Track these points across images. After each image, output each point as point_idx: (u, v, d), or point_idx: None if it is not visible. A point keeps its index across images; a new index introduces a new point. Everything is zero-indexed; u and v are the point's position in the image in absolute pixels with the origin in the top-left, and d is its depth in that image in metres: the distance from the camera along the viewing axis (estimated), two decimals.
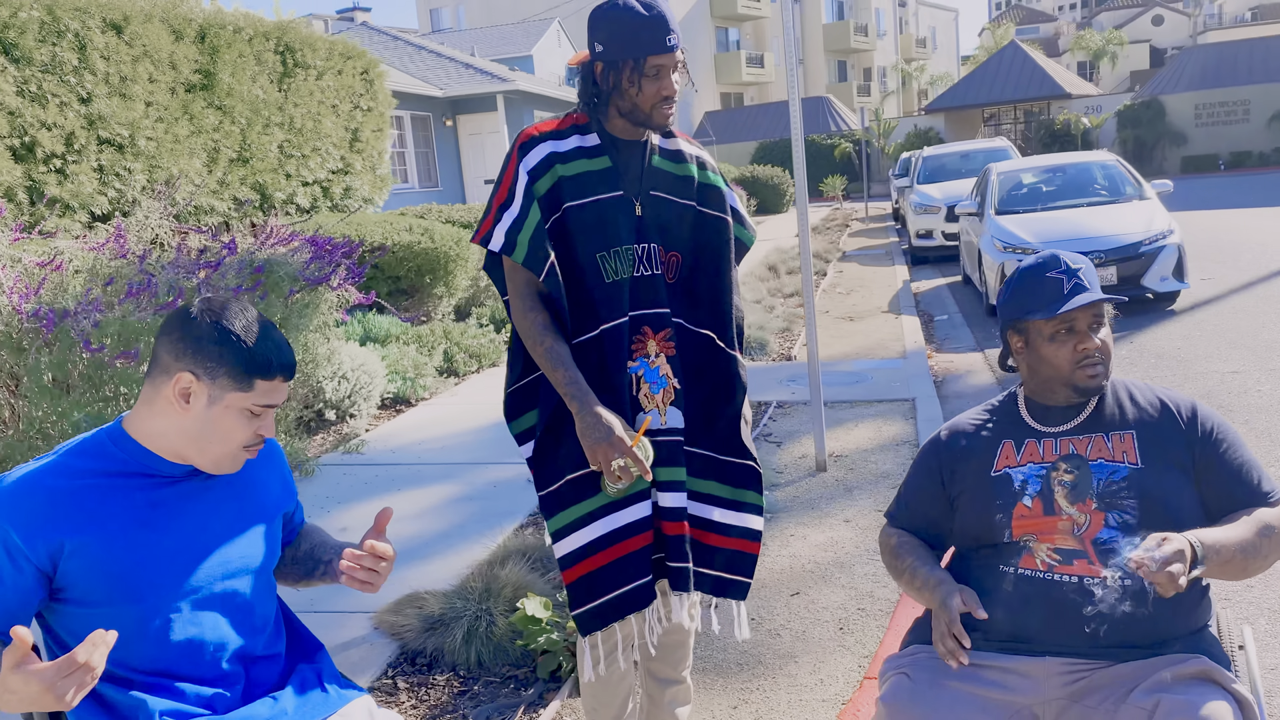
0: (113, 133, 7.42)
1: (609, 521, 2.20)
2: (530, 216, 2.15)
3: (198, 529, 1.71)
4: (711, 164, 2.35)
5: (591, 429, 2.07)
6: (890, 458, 5.20)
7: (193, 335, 1.63)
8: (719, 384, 2.28)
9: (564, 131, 2.22)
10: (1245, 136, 33.95)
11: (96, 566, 1.61)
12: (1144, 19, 68.34)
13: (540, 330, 2.13)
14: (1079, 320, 1.99)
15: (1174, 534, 1.77)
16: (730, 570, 2.33)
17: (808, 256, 5.11)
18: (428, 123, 19.71)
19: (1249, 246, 12.70)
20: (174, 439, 1.67)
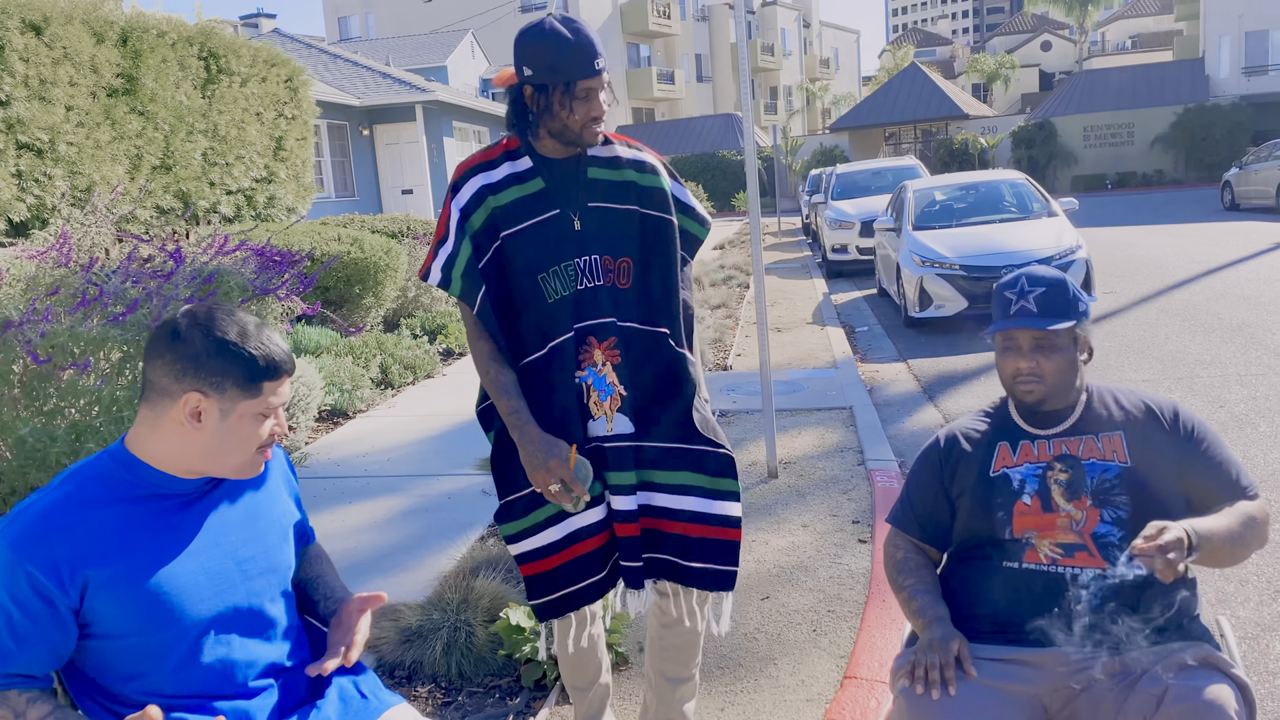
0: (32, 137, 7.14)
1: (564, 527, 2.33)
2: (462, 252, 2.26)
3: (219, 547, 1.69)
4: (652, 163, 2.38)
5: (530, 455, 2.20)
6: (837, 464, 5.35)
7: (189, 353, 1.58)
8: (672, 380, 2.35)
9: (495, 161, 2.29)
10: (1130, 158, 35.74)
11: (123, 598, 1.57)
12: (1034, 44, 71.30)
13: (486, 359, 2.26)
14: (1019, 339, 2.14)
15: (1170, 523, 1.90)
16: (714, 560, 2.38)
17: (760, 271, 5.23)
18: (344, 132, 19.39)
19: (1144, 262, 13.39)
20: (188, 458, 1.64)
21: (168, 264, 4.64)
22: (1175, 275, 11.93)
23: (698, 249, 2.46)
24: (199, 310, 1.65)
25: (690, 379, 2.38)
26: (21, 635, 1.52)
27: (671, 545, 2.37)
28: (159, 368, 1.61)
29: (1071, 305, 2.13)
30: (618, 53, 46.52)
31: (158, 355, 1.61)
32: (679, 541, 2.36)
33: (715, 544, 2.37)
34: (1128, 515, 2.05)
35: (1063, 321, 2.10)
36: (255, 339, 1.62)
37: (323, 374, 7.02)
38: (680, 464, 2.34)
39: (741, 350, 9.04)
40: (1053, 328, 2.09)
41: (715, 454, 2.36)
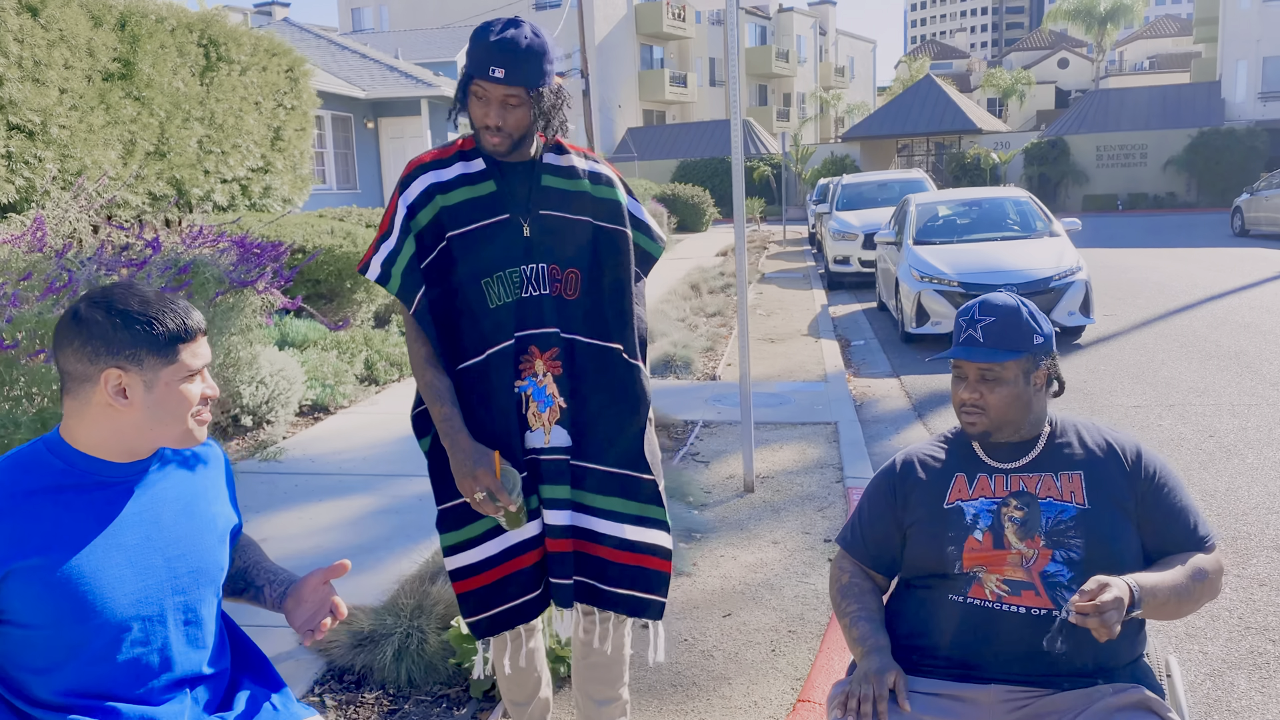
0: (23, 118, 7.10)
1: (499, 542, 2.29)
2: (404, 250, 2.21)
3: (149, 542, 1.65)
4: (608, 176, 2.34)
5: (459, 464, 2.16)
6: (815, 480, 5.28)
7: (96, 334, 1.57)
8: (623, 398, 2.29)
9: (448, 160, 2.25)
10: (1142, 179, 35.60)
11: (43, 590, 1.53)
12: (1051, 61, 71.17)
13: (423, 363, 2.22)
14: (966, 369, 2.08)
15: (1114, 579, 1.83)
16: (640, 588, 2.33)
17: (743, 281, 5.17)
18: (348, 124, 19.37)
19: (1147, 285, 13.30)
20: (125, 437, 1.61)
21: (145, 253, 4.59)
22: (1177, 300, 11.84)
23: (651, 266, 2.40)
24: (95, 292, 1.63)
25: (645, 397, 2.33)
26: None
27: (594, 569, 2.31)
28: (70, 356, 1.59)
29: (1024, 337, 2.05)
30: (630, 54, 46.51)
31: (66, 344, 1.59)
32: (600, 565, 2.31)
33: (642, 572, 2.32)
34: (1080, 557, 1.98)
35: (1008, 355, 2.03)
36: (157, 306, 1.60)
37: (306, 368, 6.98)
38: (614, 489, 2.29)
39: (732, 360, 8.98)
40: (995, 362, 2.02)
41: (646, 481, 2.30)
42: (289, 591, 1.82)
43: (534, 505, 2.28)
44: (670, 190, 28.47)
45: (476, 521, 2.29)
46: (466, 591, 2.32)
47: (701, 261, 18.28)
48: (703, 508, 4.88)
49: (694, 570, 4.10)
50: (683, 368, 8.39)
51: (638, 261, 2.36)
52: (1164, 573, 1.95)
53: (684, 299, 12.62)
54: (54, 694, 1.58)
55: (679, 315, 11.20)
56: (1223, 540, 2.05)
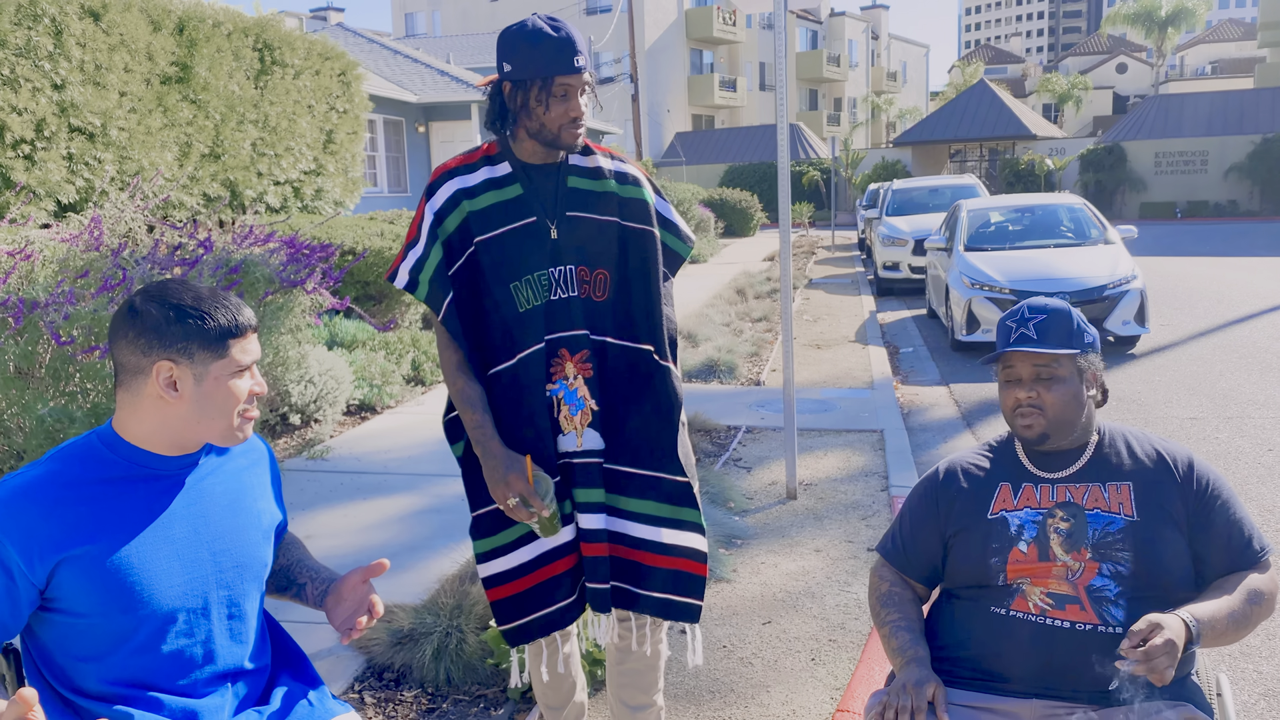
0: (84, 121, 7.28)
1: (533, 548, 2.27)
2: (432, 257, 2.22)
3: (196, 536, 1.68)
4: (635, 175, 2.32)
5: (491, 470, 2.17)
6: (859, 488, 5.22)
7: (150, 327, 1.60)
8: (656, 399, 2.29)
9: (473, 165, 2.25)
10: (1202, 186, 34.81)
11: (93, 578, 1.56)
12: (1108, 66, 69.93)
13: (454, 370, 2.23)
14: (1019, 368, 2.03)
15: (1168, 617, 1.77)
16: (676, 592, 2.31)
17: (788, 286, 5.13)
18: (400, 127, 19.59)
19: (1205, 295, 12.99)
20: (173, 430, 1.64)
21: (197, 252, 4.67)
22: (1237, 310, 11.55)
23: (679, 266, 2.39)
24: (150, 286, 1.66)
25: (677, 397, 2.32)
26: None
27: (629, 573, 2.30)
28: (124, 348, 1.62)
29: (1075, 335, 2.02)
30: (680, 59, 46.53)
31: (121, 336, 1.62)
32: (635, 569, 2.29)
33: (677, 575, 2.30)
34: (1128, 571, 1.92)
35: (1065, 349, 1.99)
36: (210, 302, 1.64)
37: (353, 368, 7.05)
38: (648, 492, 2.27)
39: (777, 366, 8.92)
40: (1052, 351, 1.98)
41: (680, 483, 2.29)
42: (329, 590, 1.84)
43: (567, 510, 2.27)
44: (718, 195, 28.42)
45: (510, 528, 2.28)
46: (500, 599, 2.31)
47: (748, 266, 18.21)
48: (744, 514, 4.85)
49: (734, 577, 4.08)
50: (726, 373, 8.36)
51: (665, 261, 2.34)
52: (1219, 600, 1.89)
53: (729, 304, 12.57)
54: (100, 683, 1.61)
55: (724, 320, 11.16)
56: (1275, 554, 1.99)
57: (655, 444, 2.28)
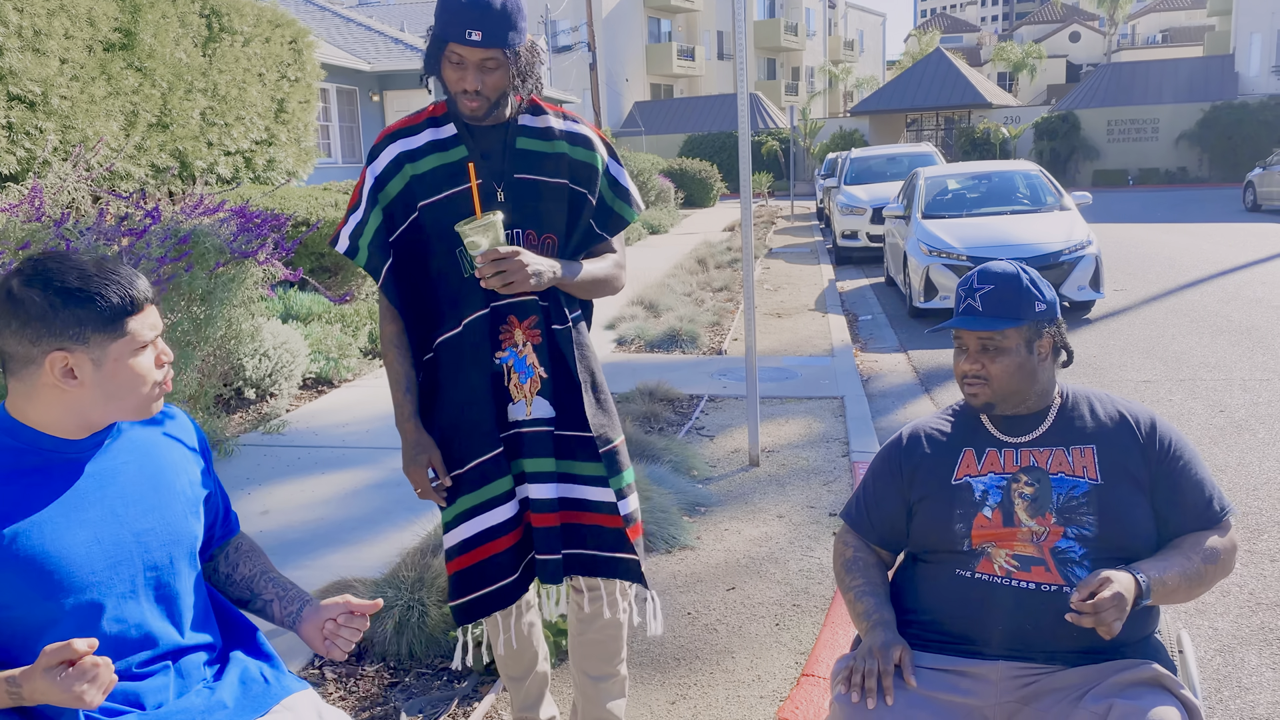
0: (24, 89, 7.04)
1: (476, 523, 2.23)
2: (371, 222, 2.18)
3: (115, 518, 1.59)
4: (586, 136, 2.26)
5: (404, 453, 2.22)
6: (821, 454, 5.24)
7: (35, 315, 1.47)
8: (586, 364, 2.28)
9: (418, 127, 2.19)
10: (1154, 154, 35.26)
11: (5, 568, 1.48)
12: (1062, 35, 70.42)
13: (387, 343, 2.23)
14: (966, 339, 2.02)
15: (1119, 573, 1.79)
16: (626, 551, 2.27)
17: (749, 256, 5.10)
18: (354, 97, 19.24)
19: (1157, 260, 13.18)
20: (78, 415, 1.55)
21: (144, 222, 4.54)
22: (1188, 275, 11.73)
23: (621, 231, 2.34)
24: (27, 266, 1.53)
25: (598, 363, 2.32)
26: None
27: (590, 538, 2.27)
28: (8, 337, 1.50)
29: (1024, 305, 1.99)
30: (638, 27, 46.13)
31: (3, 325, 1.50)
32: (596, 533, 2.26)
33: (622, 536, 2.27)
34: (1093, 534, 1.93)
35: (1008, 323, 1.97)
36: (98, 279, 1.51)
37: (309, 341, 6.94)
38: (590, 454, 2.24)
39: (739, 335, 8.92)
40: (994, 330, 1.97)
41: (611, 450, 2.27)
42: (303, 616, 1.76)
43: (508, 487, 2.22)
44: (677, 165, 28.28)
45: (457, 500, 2.23)
46: (453, 573, 2.28)
47: (708, 236, 18.18)
48: (707, 481, 4.84)
49: (698, 544, 4.07)
50: (689, 342, 8.34)
51: (610, 226, 2.30)
52: (1172, 558, 1.90)
53: (690, 274, 12.54)
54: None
55: (685, 290, 11.13)
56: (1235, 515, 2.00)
57: (605, 408, 2.28)
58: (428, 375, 2.26)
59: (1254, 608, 3.54)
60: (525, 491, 2.24)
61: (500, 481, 2.20)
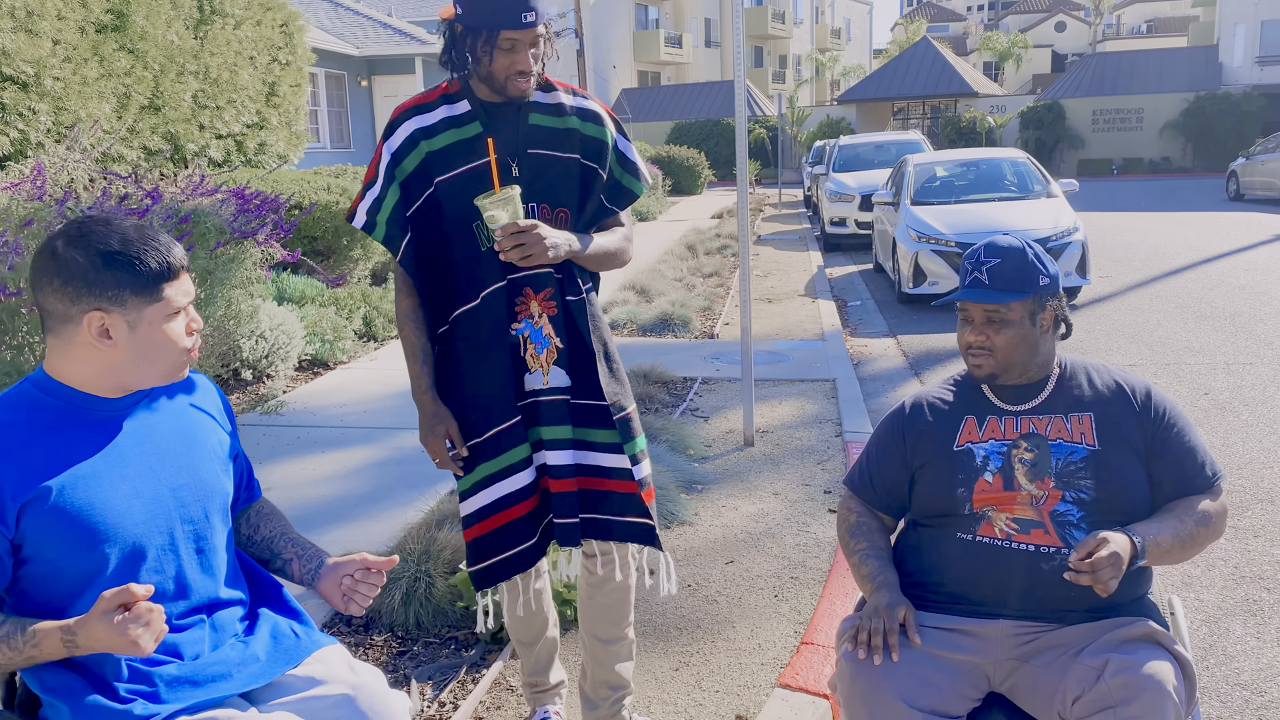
0: (16, 70, 7.02)
1: (494, 490, 2.29)
2: (389, 198, 2.23)
3: (153, 473, 1.65)
4: (596, 112, 2.33)
5: (421, 424, 2.28)
6: (814, 434, 5.32)
7: (76, 273, 1.53)
8: (599, 334, 2.34)
9: (431, 104, 2.24)
10: (1138, 143, 35.47)
11: (55, 520, 1.54)
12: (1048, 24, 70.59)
13: (403, 317, 2.29)
14: (971, 311, 2.08)
15: (1115, 534, 1.86)
16: (641, 515, 2.34)
17: (745, 240, 5.17)
18: (342, 81, 19.17)
19: (1141, 248, 13.31)
20: (112, 375, 1.60)
21: (144, 202, 4.57)
22: (1172, 262, 11.87)
23: (629, 204, 2.41)
24: (70, 228, 1.58)
25: (610, 333, 2.38)
26: None
27: (603, 503, 2.33)
28: (49, 295, 1.55)
29: (1029, 279, 2.06)
30: (625, 14, 46.00)
31: (45, 283, 1.55)
32: (609, 498, 2.32)
33: (637, 501, 2.33)
34: (1090, 497, 2.00)
35: (1013, 296, 2.03)
36: (139, 244, 1.57)
37: (305, 323, 6.97)
38: (604, 422, 2.30)
39: (730, 319, 8.99)
40: (1001, 303, 2.03)
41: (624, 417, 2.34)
42: (321, 573, 1.82)
43: (525, 454, 2.28)
44: (665, 152, 28.29)
45: (476, 469, 2.29)
46: (470, 540, 2.33)
47: (697, 224, 18.22)
48: (703, 460, 4.91)
49: (696, 520, 4.14)
50: (681, 326, 8.40)
51: (619, 200, 2.37)
52: (1166, 520, 1.98)
53: (680, 260, 12.60)
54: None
55: (676, 276, 11.19)
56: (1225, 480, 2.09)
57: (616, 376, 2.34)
58: (443, 348, 2.32)
59: (1238, 580, 3.64)
60: (542, 458, 2.30)
61: (518, 449, 2.26)
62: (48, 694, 1.56)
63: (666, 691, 2.86)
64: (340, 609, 1.78)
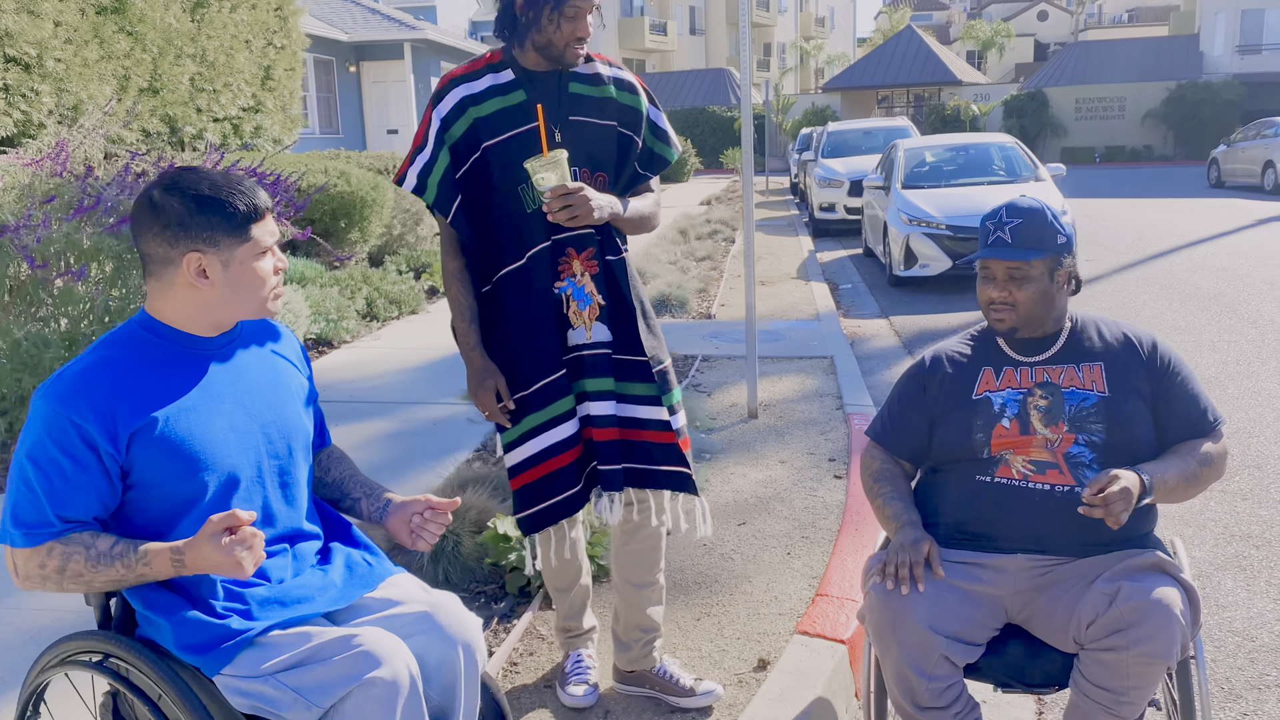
0: (20, 51, 7.07)
1: (540, 440, 2.43)
2: (439, 161, 2.34)
3: (244, 408, 1.78)
4: (631, 82, 2.47)
5: (470, 379, 2.40)
6: (815, 407, 5.46)
7: (174, 219, 1.66)
8: (637, 292, 2.47)
9: (477, 73, 2.36)
10: (1120, 132, 35.81)
11: (161, 447, 1.66)
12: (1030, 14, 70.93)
13: (451, 278, 2.40)
14: (994, 269, 2.22)
15: (1125, 471, 2.01)
16: (680, 464, 2.47)
17: (750, 218, 5.29)
18: (331, 67, 19.15)
19: (1126, 233, 13.52)
20: (209, 313, 1.73)
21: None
22: (1156, 246, 12.08)
23: (661, 170, 2.54)
24: (164, 178, 1.71)
25: (645, 292, 2.51)
26: (74, 483, 1.61)
27: (644, 453, 2.46)
28: (150, 240, 1.69)
29: (1048, 238, 2.19)
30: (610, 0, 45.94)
31: (145, 229, 1.69)
32: (650, 449, 2.45)
33: (675, 450, 2.47)
34: (1101, 440, 2.14)
35: (1035, 254, 2.17)
36: (228, 189, 1.69)
37: (309, 303, 7.05)
38: (644, 375, 2.43)
39: (725, 301, 9.12)
40: (1023, 260, 2.17)
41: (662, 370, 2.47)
42: (388, 510, 1.94)
43: (569, 406, 2.41)
44: None
45: (521, 421, 2.42)
46: (518, 488, 2.46)
47: (686, 210, 18.34)
48: (710, 432, 5.05)
49: (707, 486, 4.27)
50: (678, 307, 8.53)
51: (652, 166, 2.51)
52: (1171, 460, 2.13)
53: (673, 244, 12.72)
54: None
55: (670, 259, 11.31)
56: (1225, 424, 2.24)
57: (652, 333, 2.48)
58: (489, 306, 2.44)
59: (1228, 539, 3.81)
60: (586, 409, 2.43)
61: (563, 401, 2.39)
62: (150, 610, 1.68)
63: (690, 639, 2.99)
64: (408, 545, 1.90)
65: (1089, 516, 2.02)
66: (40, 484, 1.60)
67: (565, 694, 2.65)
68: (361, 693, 1.59)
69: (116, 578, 1.62)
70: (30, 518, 1.61)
